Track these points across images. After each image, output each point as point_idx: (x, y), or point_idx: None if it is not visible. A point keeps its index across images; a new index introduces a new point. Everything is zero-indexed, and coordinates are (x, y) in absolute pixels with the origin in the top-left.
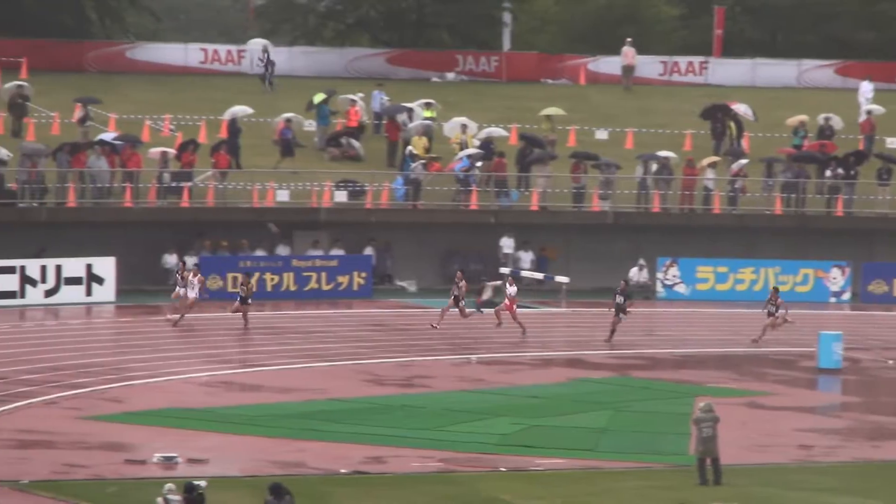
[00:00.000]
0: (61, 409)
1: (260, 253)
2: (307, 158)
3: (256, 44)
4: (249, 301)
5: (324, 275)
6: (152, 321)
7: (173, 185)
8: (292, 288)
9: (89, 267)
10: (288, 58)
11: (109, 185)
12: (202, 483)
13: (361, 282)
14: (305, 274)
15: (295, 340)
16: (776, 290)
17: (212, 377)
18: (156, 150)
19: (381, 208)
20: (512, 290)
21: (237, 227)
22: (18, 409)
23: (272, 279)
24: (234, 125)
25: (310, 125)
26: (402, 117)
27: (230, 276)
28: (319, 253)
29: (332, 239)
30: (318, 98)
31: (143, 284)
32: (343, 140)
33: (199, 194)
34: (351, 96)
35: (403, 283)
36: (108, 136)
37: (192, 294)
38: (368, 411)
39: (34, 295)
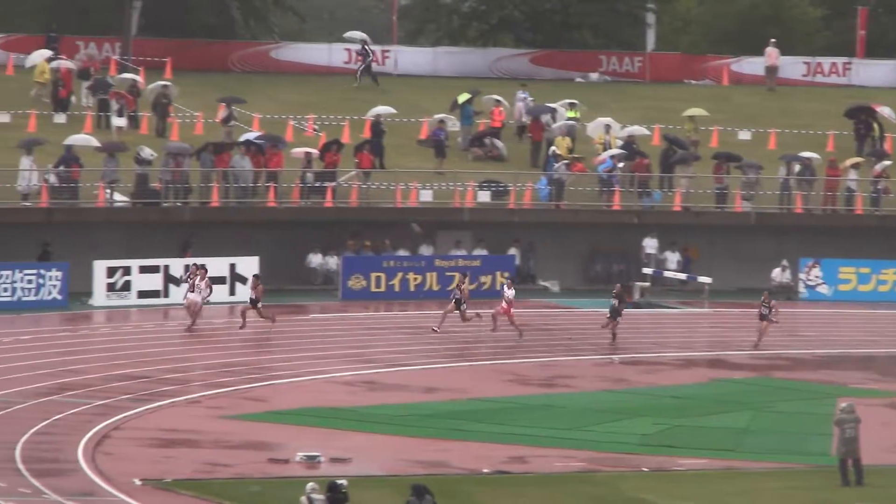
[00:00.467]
0: (204, 408)
1: (403, 253)
2: (450, 158)
3: (355, 36)
4: (260, 304)
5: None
6: (295, 320)
7: (317, 185)
8: (435, 288)
9: (233, 266)
10: (432, 58)
11: (253, 184)
12: (344, 482)
13: (503, 281)
14: (448, 274)
15: (437, 340)
16: (769, 292)
17: (355, 376)
18: (299, 150)
19: (525, 208)
20: (510, 293)
21: (380, 227)
22: (161, 408)
23: (415, 279)
24: (377, 125)
25: (453, 125)
26: (545, 118)
27: (373, 275)
28: (462, 253)
29: (475, 239)
30: (463, 98)
31: (285, 284)
32: (487, 140)
33: (342, 194)
34: (496, 97)
35: (546, 283)
36: (252, 135)
37: (195, 296)
38: (511, 411)
39: (178, 294)
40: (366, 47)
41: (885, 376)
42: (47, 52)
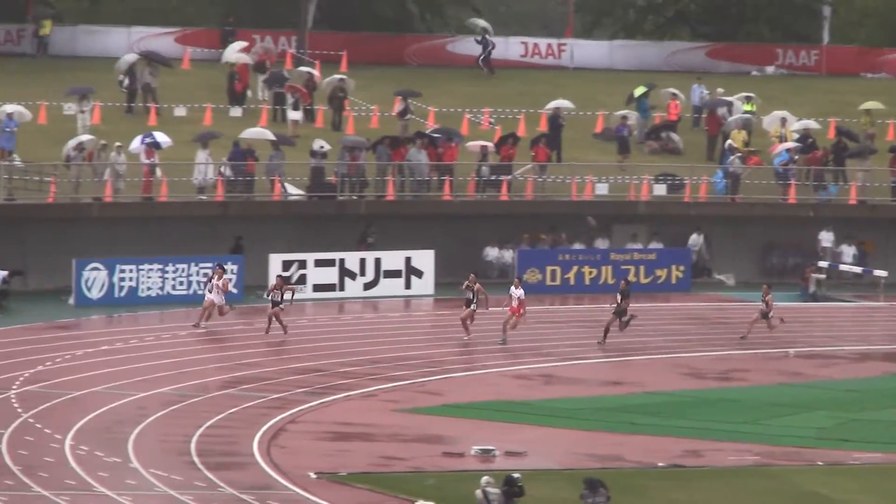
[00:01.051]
0: (379, 401)
1: (578, 246)
2: (616, 150)
3: (476, 24)
4: (283, 306)
5: (642, 268)
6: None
7: (492, 178)
8: (610, 281)
9: (408, 260)
10: (608, 51)
11: (428, 178)
12: (519, 476)
13: (680, 275)
14: (623, 267)
15: (612, 334)
16: (768, 286)
17: (530, 370)
18: (475, 144)
19: (700, 202)
20: (518, 292)
21: (555, 220)
22: (336, 401)
23: (590, 272)
24: (555, 119)
25: (633, 120)
26: (721, 111)
27: (549, 269)
28: (638, 246)
29: (651, 232)
30: (639, 91)
31: (461, 278)
32: (663, 133)
33: (517, 188)
34: (672, 90)
35: (721, 277)
36: (428, 129)
37: (213, 297)
38: (685, 405)
39: (353, 288)
40: (486, 37)
41: None
42: (241, 44)
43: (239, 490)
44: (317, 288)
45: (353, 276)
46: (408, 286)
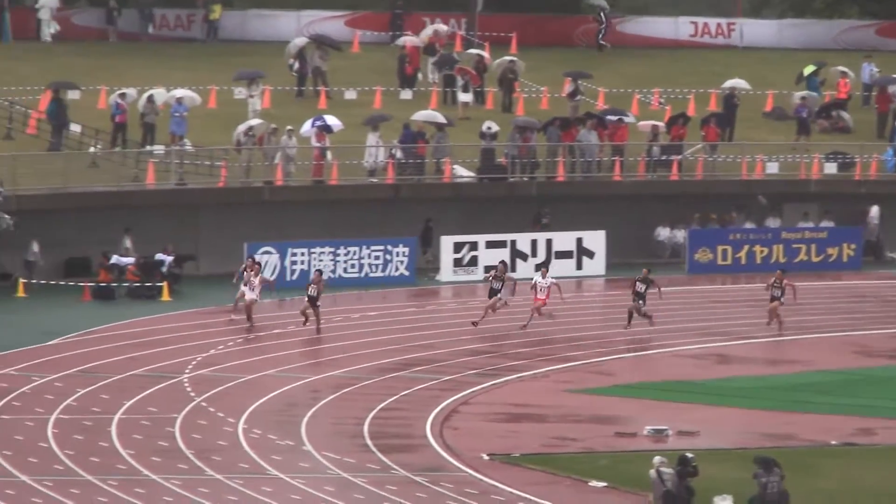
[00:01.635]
0: (551, 382)
1: (749, 226)
2: (795, 131)
3: (594, 1)
4: (319, 302)
5: (813, 247)
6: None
7: (662, 158)
8: (781, 260)
9: (579, 241)
10: (777, 30)
11: (598, 158)
12: (693, 456)
13: (851, 253)
14: (795, 246)
15: (783, 313)
16: (783, 271)
17: (702, 349)
18: (646, 123)
19: (871, 180)
20: (544, 282)
21: (725, 199)
22: (509, 382)
23: (761, 251)
24: (730, 98)
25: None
26: (892, 88)
27: (720, 248)
28: (809, 225)
29: (822, 211)
30: (808, 70)
31: (632, 258)
32: (833, 112)
33: (687, 167)
34: (842, 68)
35: (893, 255)
36: (597, 110)
37: (251, 295)
38: (857, 383)
39: (525, 269)
40: (602, 13)
41: None
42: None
43: (412, 472)
44: (488, 269)
45: (524, 257)
46: (579, 267)
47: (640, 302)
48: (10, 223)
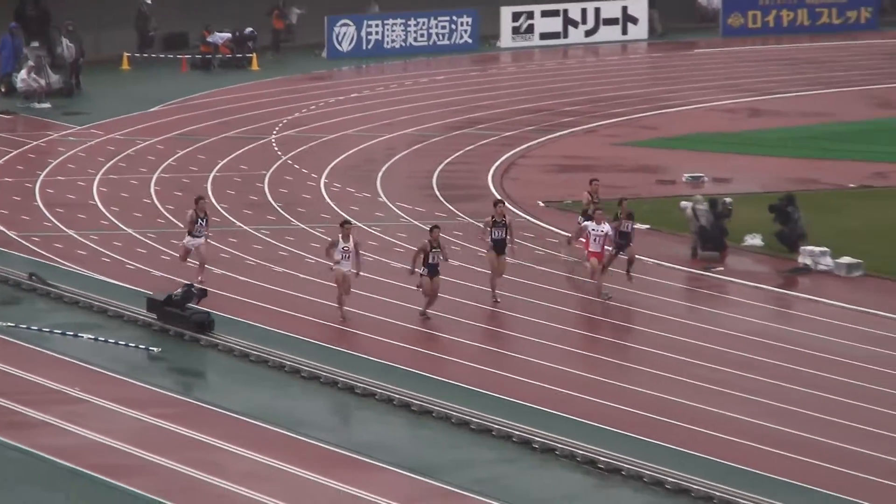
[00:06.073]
0: (600, 136)
1: None
2: None
3: None
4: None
5: (834, 10)
6: (681, 55)
7: None
8: (805, 23)
9: (625, 9)
10: None
11: None
12: (728, 199)
13: (868, 15)
14: (818, 10)
15: (808, 70)
16: None
17: (736, 104)
18: None
19: None
20: (603, 228)
21: None
22: (562, 137)
23: (788, 15)
24: None
25: None
26: None
27: (750, 13)
28: None
29: None
30: None
31: (675, 23)
32: None
33: None
34: None
35: None
36: None
37: (345, 267)
38: (875, 132)
39: (576, 35)
40: None
41: None
42: None
43: (476, 219)
44: (543, 36)
45: (575, 24)
46: (624, 32)
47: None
48: None
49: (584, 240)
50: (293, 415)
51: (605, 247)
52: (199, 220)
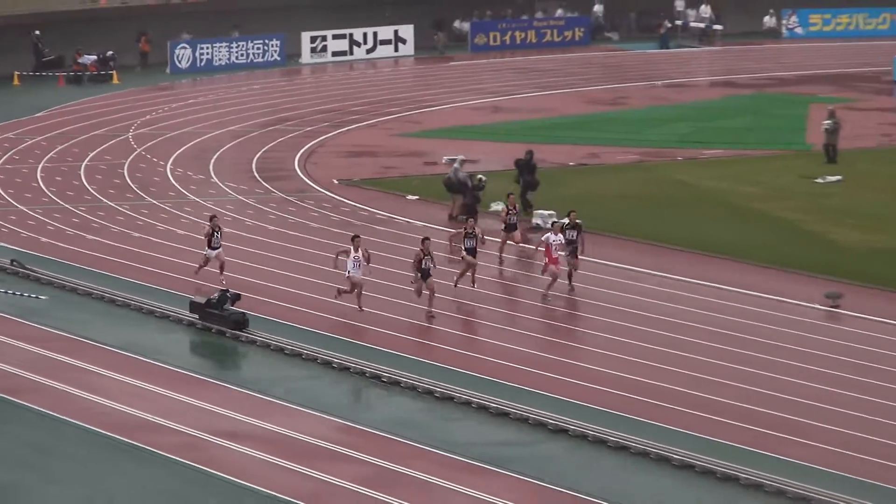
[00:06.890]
0: (380, 129)
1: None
2: None
3: None
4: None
5: (555, 30)
6: (439, 67)
7: None
8: (534, 41)
9: (396, 31)
10: None
11: None
12: (482, 177)
13: (581, 34)
14: (543, 31)
15: (536, 77)
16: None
17: (482, 103)
18: None
19: None
20: (558, 239)
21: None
22: (350, 130)
23: (521, 35)
24: None
25: None
26: None
27: (492, 34)
28: (551, 15)
29: (559, 5)
30: None
31: (434, 43)
32: None
33: None
34: None
35: (610, 35)
36: None
37: (356, 274)
38: (588, 123)
39: (359, 52)
40: None
41: (842, 87)
42: None
43: (286, 194)
44: (334, 54)
45: (358, 44)
46: (396, 49)
47: (570, 253)
48: None
49: (543, 249)
50: (153, 345)
51: (559, 252)
52: (215, 233)
